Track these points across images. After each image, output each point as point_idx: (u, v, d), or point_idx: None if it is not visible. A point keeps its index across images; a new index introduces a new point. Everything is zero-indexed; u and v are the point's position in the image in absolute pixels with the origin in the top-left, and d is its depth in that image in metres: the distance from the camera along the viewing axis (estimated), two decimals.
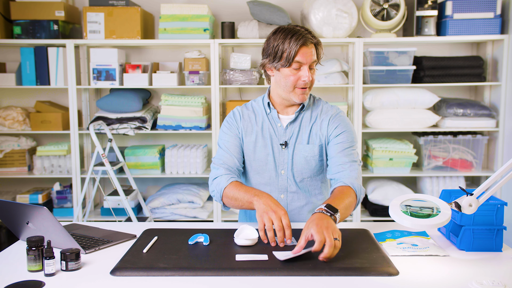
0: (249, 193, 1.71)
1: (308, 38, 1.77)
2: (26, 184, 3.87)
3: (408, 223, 1.51)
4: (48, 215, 1.52)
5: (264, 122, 1.91)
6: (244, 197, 1.72)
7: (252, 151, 1.90)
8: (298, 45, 1.76)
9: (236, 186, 1.78)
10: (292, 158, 1.89)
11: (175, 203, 3.54)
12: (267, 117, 1.92)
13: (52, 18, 3.40)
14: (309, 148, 1.88)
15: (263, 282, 1.35)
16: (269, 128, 1.90)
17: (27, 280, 1.37)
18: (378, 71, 3.44)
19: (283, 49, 1.78)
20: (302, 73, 1.79)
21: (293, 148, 1.89)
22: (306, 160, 1.88)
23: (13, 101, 3.81)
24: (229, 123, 1.94)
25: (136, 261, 1.47)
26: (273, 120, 1.91)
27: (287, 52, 1.77)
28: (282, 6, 3.58)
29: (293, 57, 1.77)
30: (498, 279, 1.34)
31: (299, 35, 1.77)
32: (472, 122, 3.45)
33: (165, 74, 3.47)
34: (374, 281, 1.35)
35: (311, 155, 1.88)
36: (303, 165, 1.88)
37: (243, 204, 1.74)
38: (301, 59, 1.77)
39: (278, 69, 1.82)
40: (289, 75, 1.80)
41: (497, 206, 1.59)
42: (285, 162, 1.89)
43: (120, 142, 3.86)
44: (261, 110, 1.94)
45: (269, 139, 1.89)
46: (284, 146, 1.88)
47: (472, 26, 3.38)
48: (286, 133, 1.89)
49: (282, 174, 1.89)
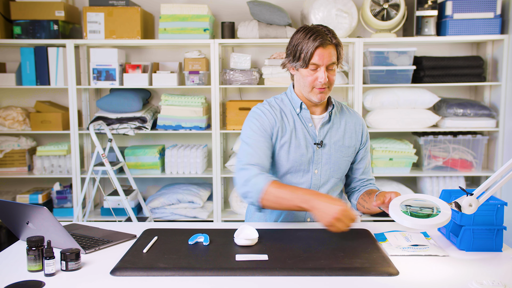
0: (300, 193, 1.67)
1: (325, 39, 1.75)
2: (26, 184, 3.87)
3: (408, 223, 1.51)
4: (48, 215, 1.52)
5: (296, 121, 1.88)
6: (293, 197, 1.67)
7: (286, 152, 1.86)
8: (314, 47, 1.75)
9: (279, 185, 1.72)
10: (328, 158, 1.88)
11: (175, 203, 3.54)
12: (298, 116, 1.89)
13: (52, 18, 3.40)
14: (345, 149, 1.91)
15: (263, 282, 1.35)
16: (302, 128, 1.87)
17: (27, 280, 1.37)
18: (378, 71, 3.44)
19: (301, 49, 1.78)
20: (319, 74, 1.78)
21: (329, 148, 1.89)
22: (343, 160, 1.91)
23: (13, 101, 3.81)
24: (260, 123, 1.85)
25: (136, 261, 1.47)
26: (304, 120, 1.88)
27: (304, 53, 1.77)
28: (282, 6, 3.58)
29: (309, 58, 1.76)
30: (498, 279, 1.34)
31: (316, 35, 1.75)
32: (472, 122, 3.44)
33: (165, 74, 3.47)
34: (374, 281, 1.35)
35: (346, 155, 1.92)
36: (339, 165, 1.91)
37: (290, 205, 1.69)
38: (317, 60, 1.77)
39: (297, 69, 1.83)
40: (306, 76, 1.80)
41: (497, 206, 1.59)
42: (319, 162, 1.88)
43: (120, 142, 3.86)
44: (289, 109, 1.90)
45: (303, 139, 1.87)
46: (320, 145, 1.87)
47: (472, 26, 3.38)
48: (321, 133, 1.88)
49: (316, 173, 1.89)
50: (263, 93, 3.79)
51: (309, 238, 1.66)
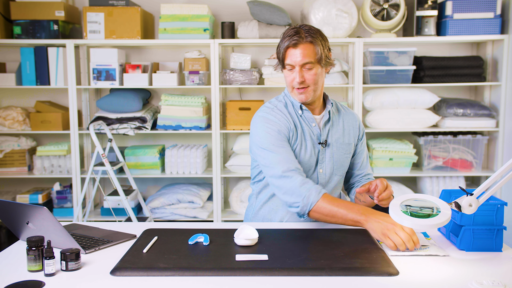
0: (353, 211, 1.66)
1: (294, 39, 1.75)
2: (26, 184, 3.87)
3: (408, 223, 1.51)
4: (48, 215, 1.52)
5: (302, 123, 1.89)
6: (346, 215, 1.67)
7: (297, 155, 1.86)
8: (285, 47, 1.78)
9: (332, 200, 1.71)
10: (332, 156, 1.90)
11: (175, 203, 3.54)
12: (301, 117, 1.89)
13: (52, 18, 3.40)
14: (346, 146, 1.94)
15: (263, 282, 1.35)
16: (308, 129, 1.89)
17: (27, 280, 1.37)
18: (378, 71, 3.44)
19: (279, 51, 1.83)
20: (294, 75, 1.80)
21: (332, 147, 1.90)
22: (345, 157, 1.94)
23: (13, 101, 3.81)
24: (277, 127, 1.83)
25: (136, 261, 1.47)
26: (307, 121, 1.89)
27: (280, 54, 1.82)
28: (282, 6, 3.58)
29: (282, 59, 1.81)
30: (498, 279, 1.34)
31: (288, 36, 1.77)
32: (472, 122, 3.44)
33: (165, 74, 3.47)
34: (374, 281, 1.35)
35: (348, 152, 1.95)
36: (342, 163, 1.93)
37: (344, 220, 1.69)
38: (290, 61, 1.78)
39: (282, 71, 1.87)
40: (286, 76, 1.85)
41: (497, 206, 1.59)
42: (324, 160, 1.90)
43: (120, 142, 3.86)
44: (292, 111, 1.90)
45: (310, 140, 1.88)
46: (325, 145, 1.89)
47: (472, 26, 3.38)
48: (324, 132, 1.90)
49: (321, 172, 1.90)
50: (263, 93, 3.79)
51: (309, 238, 1.66)
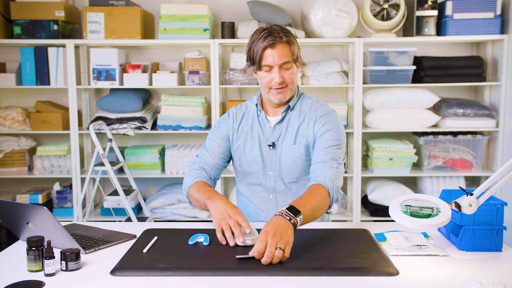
0: (205, 195, 1.72)
1: (275, 39, 1.74)
2: (26, 184, 3.87)
3: (408, 223, 1.51)
4: (48, 215, 1.52)
5: (254, 123, 1.91)
6: (201, 199, 1.74)
7: (242, 152, 1.91)
8: (263, 47, 1.75)
9: (198, 186, 1.79)
10: (279, 159, 1.86)
11: (175, 203, 3.54)
12: (257, 118, 1.92)
13: (52, 18, 3.40)
14: (295, 149, 1.85)
15: (263, 282, 1.35)
16: (258, 129, 1.90)
17: (27, 280, 1.37)
18: (378, 71, 3.44)
19: (253, 52, 1.79)
20: (273, 75, 1.78)
21: (280, 149, 1.87)
22: (293, 160, 1.85)
23: (13, 101, 3.81)
24: (219, 124, 1.97)
25: (136, 261, 1.47)
26: (262, 121, 1.90)
27: (256, 55, 1.77)
28: (282, 6, 3.58)
29: (259, 60, 1.77)
30: (498, 279, 1.34)
31: (263, 37, 1.75)
32: (472, 122, 3.44)
33: (165, 74, 3.47)
34: (374, 281, 1.35)
35: (297, 155, 1.85)
36: (291, 166, 1.86)
37: (201, 206, 1.76)
38: (267, 62, 1.77)
39: (256, 72, 1.83)
40: (262, 77, 1.81)
41: (497, 206, 1.59)
42: (272, 163, 1.87)
43: (120, 142, 3.86)
44: (253, 111, 1.94)
45: (257, 140, 1.89)
46: (272, 147, 1.87)
47: (472, 26, 3.38)
48: (274, 134, 1.88)
49: (270, 175, 1.88)
50: None
51: (309, 238, 1.66)
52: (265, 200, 1.92)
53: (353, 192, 3.54)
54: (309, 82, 3.47)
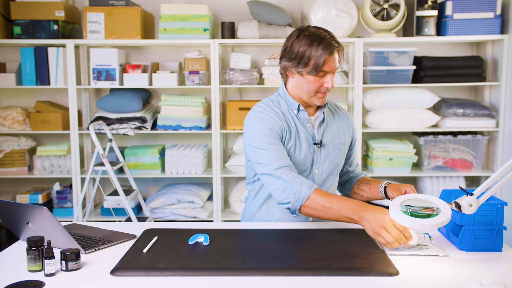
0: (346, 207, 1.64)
1: (334, 47, 1.76)
2: (26, 184, 3.87)
3: (408, 223, 1.51)
4: (48, 215, 1.52)
5: (296, 123, 1.88)
6: (341, 208, 1.64)
7: (293, 153, 1.86)
8: (325, 54, 1.74)
9: (324, 194, 1.69)
10: (326, 156, 1.91)
11: (175, 203, 3.54)
12: (296, 118, 1.88)
13: (52, 18, 3.40)
14: (340, 146, 1.95)
15: (263, 282, 1.35)
16: (302, 129, 1.88)
17: (27, 280, 1.37)
18: (378, 71, 3.44)
19: (309, 56, 1.75)
20: (326, 80, 1.79)
21: (328, 147, 1.91)
22: (339, 157, 1.94)
23: (13, 101, 3.81)
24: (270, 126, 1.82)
25: (136, 261, 1.47)
26: (302, 121, 1.89)
27: (314, 61, 1.75)
28: (282, 6, 3.58)
29: (320, 66, 1.75)
30: (498, 279, 1.34)
31: (326, 43, 1.74)
32: (472, 122, 3.44)
33: (165, 74, 3.47)
34: (374, 281, 1.35)
35: (343, 152, 1.96)
36: (336, 162, 1.93)
37: (337, 215, 1.66)
38: (327, 68, 1.77)
39: (302, 74, 1.80)
40: (313, 82, 1.79)
41: (497, 206, 1.59)
42: (319, 161, 1.89)
43: (120, 142, 3.86)
44: (287, 111, 1.89)
45: (305, 141, 1.88)
46: (320, 145, 1.89)
47: (472, 26, 3.38)
48: (319, 133, 1.90)
49: (316, 173, 1.90)
50: (263, 93, 3.79)
51: (309, 238, 1.66)
52: None
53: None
54: None
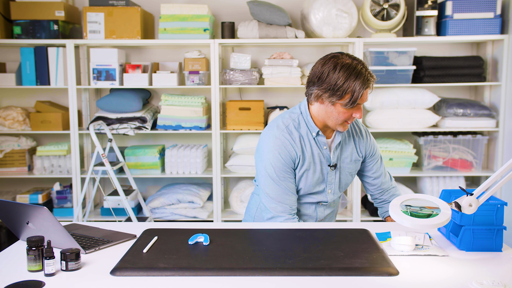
0: None
1: (371, 81, 1.77)
2: (26, 184, 3.87)
3: (408, 223, 1.51)
4: (48, 215, 1.52)
5: (312, 146, 1.90)
6: None
7: (305, 177, 1.90)
8: (363, 90, 1.75)
9: None
10: (339, 176, 1.95)
11: (175, 203, 3.54)
12: (314, 140, 1.90)
13: (52, 18, 3.40)
14: (353, 165, 1.98)
15: (263, 282, 1.35)
16: (318, 152, 1.90)
17: (27, 280, 1.37)
18: (378, 71, 3.44)
19: (346, 89, 1.74)
20: (357, 111, 1.80)
21: (339, 168, 1.94)
22: (351, 175, 1.99)
23: (13, 101, 3.81)
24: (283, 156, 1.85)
25: (136, 261, 1.47)
26: (320, 143, 1.90)
27: (350, 94, 1.75)
28: (282, 6, 3.58)
29: (356, 100, 1.76)
30: (498, 279, 1.34)
31: (364, 78, 1.75)
32: (472, 122, 3.44)
33: (165, 74, 3.47)
34: (374, 281, 1.35)
35: (354, 170, 2.00)
36: (348, 180, 1.99)
37: None
38: (361, 101, 1.79)
39: (334, 104, 1.79)
40: (344, 112, 1.80)
41: (497, 206, 1.59)
42: (332, 182, 1.94)
43: (120, 142, 3.86)
44: (305, 133, 1.89)
45: (319, 163, 1.90)
46: (334, 168, 1.92)
47: (472, 26, 3.38)
48: (334, 155, 1.92)
49: (329, 193, 1.95)
50: (263, 93, 3.79)
51: (309, 238, 1.66)
52: (313, 208, 2.00)
53: (353, 192, 3.54)
54: None
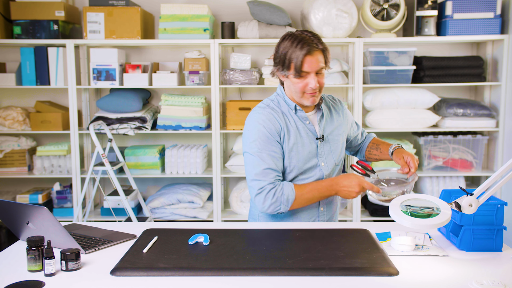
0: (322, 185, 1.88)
1: (312, 46, 1.79)
2: (26, 184, 3.87)
3: (408, 223, 1.51)
4: (48, 215, 1.52)
5: (296, 121, 1.93)
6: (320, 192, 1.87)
7: (296, 153, 1.90)
8: (303, 55, 1.78)
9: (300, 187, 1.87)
10: (329, 149, 1.96)
11: (175, 203, 3.54)
12: (296, 116, 1.93)
13: (52, 18, 3.40)
14: (341, 137, 2.01)
15: (263, 282, 1.35)
16: (303, 126, 1.93)
17: (27, 280, 1.37)
18: (378, 71, 3.44)
19: (290, 58, 1.81)
20: (309, 81, 1.82)
21: (329, 140, 1.97)
22: (341, 147, 2.01)
23: (13, 101, 3.81)
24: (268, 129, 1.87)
25: (136, 261, 1.47)
26: (302, 119, 1.93)
27: (294, 62, 1.80)
28: (282, 6, 3.58)
29: (300, 67, 1.79)
30: (498, 279, 1.34)
31: (303, 43, 1.79)
32: (472, 122, 3.44)
33: (165, 74, 3.47)
34: (374, 281, 1.35)
35: (342, 141, 2.02)
36: (339, 153, 2.00)
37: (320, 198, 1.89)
38: (307, 68, 1.80)
39: (288, 77, 1.85)
40: (297, 83, 1.84)
41: (497, 206, 1.59)
42: (323, 154, 1.95)
43: (120, 142, 3.86)
44: (287, 110, 1.93)
45: (307, 137, 1.92)
46: (322, 139, 1.94)
47: (472, 26, 3.38)
48: (320, 128, 1.95)
49: (323, 166, 1.95)
50: (263, 93, 3.79)
51: (309, 238, 1.66)
52: None
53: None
54: None
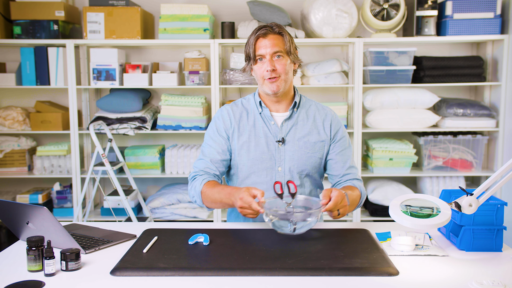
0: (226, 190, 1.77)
1: (267, 30, 1.82)
2: (26, 184, 3.87)
3: (408, 223, 1.51)
4: (48, 215, 1.52)
5: (257, 120, 1.92)
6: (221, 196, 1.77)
7: (246, 151, 1.90)
8: (255, 38, 1.84)
9: (211, 185, 1.82)
10: (291, 154, 1.89)
11: (175, 203, 3.54)
12: (259, 115, 1.92)
13: (52, 18, 3.40)
14: (311, 145, 1.90)
15: (263, 282, 1.35)
16: (263, 126, 1.91)
17: (27, 280, 1.37)
18: (378, 71, 3.44)
19: (248, 46, 1.87)
20: (264, 64, 1.84)
21: (292, 145, 1.90)
22: (309, 156, 1.90)
23: (13, 101, 3.81)
24: (216, 125, 1.94)
25: (136, 261, 1.47)
26: (266, 119, 1.92)
27: (249, 48, 1.85)
28: (282, 6, 3.58)
29: (253, 52, 1.84)
30: (498, 279, 1.34)
31: (258, 29, 1.84)
32: (472, 122, 3.44)
33: (165, 74, 3.47)
34: (374, 281, 1.35)
35: (313, 151, 1.90)
36: (303, 161, 1.90)
37: (223, 204, 1.79)
38: (260, 51, 1.83)
39: (252, 68, 1.90)
40: (257, 70, 1.87)
41: (497, 206, 1.59)
42: (282, 158, 1.89)
43: (120, 142, 3.86)
44: (252, 109, 1.94)
45: (264, 137, 1.90)
46: (281, 143, 1.89)
47: (472, 26, 3.38)
48: (282, 130, 1.90)
49: (279, 171, 1.90)
50: None
51: (309, 238, 1.66)
52: None
53: None
54: (309, 82, 3.47)
